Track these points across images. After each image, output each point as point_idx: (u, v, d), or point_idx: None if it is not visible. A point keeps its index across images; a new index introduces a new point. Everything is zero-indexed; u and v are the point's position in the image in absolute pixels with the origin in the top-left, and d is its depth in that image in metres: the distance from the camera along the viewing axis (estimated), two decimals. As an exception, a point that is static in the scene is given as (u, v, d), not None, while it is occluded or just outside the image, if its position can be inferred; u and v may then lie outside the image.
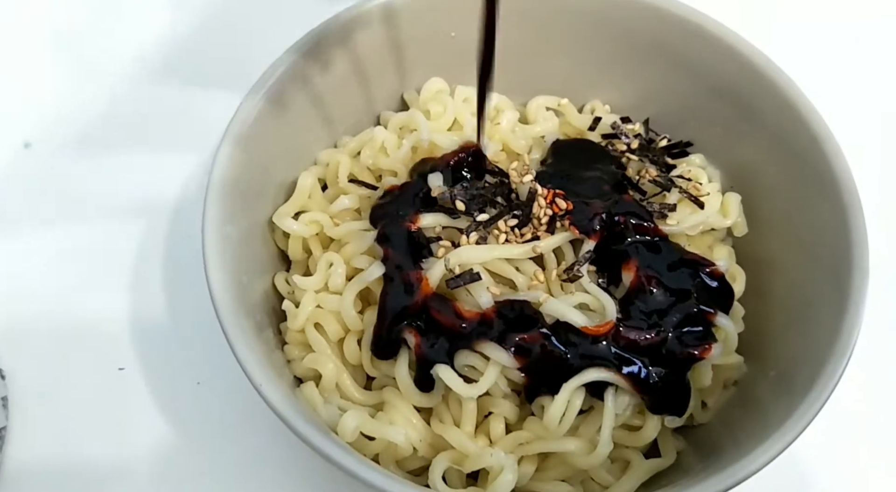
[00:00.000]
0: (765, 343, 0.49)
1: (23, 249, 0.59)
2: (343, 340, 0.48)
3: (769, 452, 0.40)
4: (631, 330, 0.44)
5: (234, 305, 0.44)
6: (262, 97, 0.48)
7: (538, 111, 0.57)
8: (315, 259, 0.51)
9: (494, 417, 0.46)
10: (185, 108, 0.64)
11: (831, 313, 0.44)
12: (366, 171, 0.53)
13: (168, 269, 0.59)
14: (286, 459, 0.52)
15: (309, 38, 0.50)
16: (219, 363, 0.52)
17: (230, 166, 0.47)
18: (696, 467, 0.46)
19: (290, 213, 0.51)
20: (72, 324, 0.56)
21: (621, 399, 0.45)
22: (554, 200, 0.47)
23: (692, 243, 0.50)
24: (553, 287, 0.46)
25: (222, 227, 0.45)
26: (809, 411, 0.41)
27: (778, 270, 0.51)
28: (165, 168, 0.62)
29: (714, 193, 0.51)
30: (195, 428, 0.53)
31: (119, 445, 0.52)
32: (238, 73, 0.53)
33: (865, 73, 0.69)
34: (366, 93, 0.55)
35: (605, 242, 0.47)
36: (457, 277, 0.45)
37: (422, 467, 0.47)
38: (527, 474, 0.45)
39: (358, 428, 0.44)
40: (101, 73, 0.66)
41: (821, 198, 0.48)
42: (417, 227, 0.47)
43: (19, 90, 0.65)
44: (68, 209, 0.60)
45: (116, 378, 0.54)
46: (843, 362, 0.42)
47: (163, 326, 0.56)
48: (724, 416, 0.49)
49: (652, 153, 0.53)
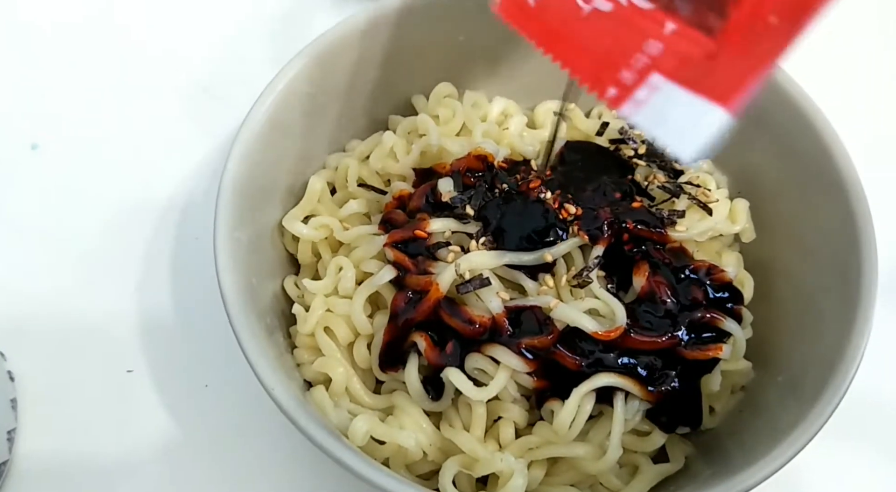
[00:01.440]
0: (773, 348, 0.49)
1: (31, 250, 0.59)
2: (353, 343, 0.48)
3: (779, 459, 0.40)
4: (641, 335, 0.45)
5: (245, 308, 0.44)
6: (271, 101, 0.48)
7: (546, 116, 0.57)
8: (324, 263, 0.51)
9: (504, 421, 0.46)
10: (192, 111, 0.65)
11: (840, 319, 0.44)
12: (374, 175, 0.53)
13: (176, 270, 0.59)
14: (294, 462, 0.52)
15: (318, 43, 0.50)
16: (227, 366, 0.53)
17: (241, 170, 0.47)
18: (704, 473, 0.46)
19: (299, 216, 0.51)
20: (80, 326, 0.56)
21: (631, 404, 0.45)
22: (562, 206, 0.47)
23: (700, 249, 0.51)
24: (563, 293, 0.46)
25: (233, 231, 0.46)
26: (820, 417, 0.41)
27: (786, 276, 0.51)
28: (173, 169, 0.62)
29: (723, 200, 0.51)
30: (203, 430, 0.53)
31: (127, 447, 0.53)
32: (247, 78, 0.54)
33: (873, 77, 0.69)
34: (374, 97, 0.55)
35: (615, 248, 0.47)
36: (467, 283, 0.45)
37: (432, 471, 0.47)
38: (536, 478, 0.45)
39: (369, 432, 0.44)
40: (108, 74, 0.66)
41: (829, 203, 0.48)
42: (427, 231, 0.47)
43: (26, 92, 0.65)
44: (76, 211, 0.60)
45: (125, 380, 0.55)
46: (853, 368, 0.42)
47: (171, 329, 0.57)
48: (732, 421, 0.49)
49: (659, 158, 0.54)
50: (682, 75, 0.34)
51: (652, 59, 0.35)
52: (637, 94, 0.35)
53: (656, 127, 0.34)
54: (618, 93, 0.35)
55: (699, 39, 0.35)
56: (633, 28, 0.36)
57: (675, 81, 0.34)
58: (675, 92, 0.34)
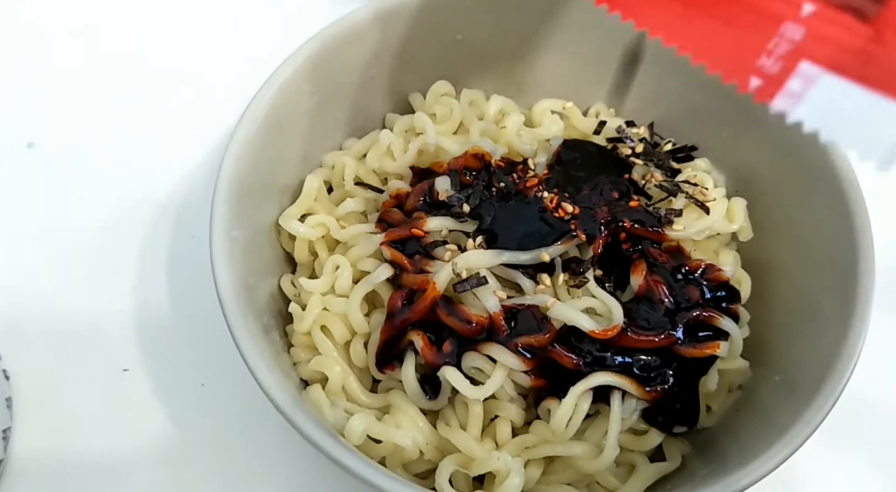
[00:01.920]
0: (770, 347, 0.49)
1: (27, 249, 0.59)
2: (349, 342, 0.48)
3: (776, 458, 0.40)
4: (638, 334, 0.44)
5: (241, 307, 0.44)
6: (268, 100, 0.48)
7: (543, 114, 0.57)
8: (321, 262, 0.51)
9: (501, 420, 0.46)
10: (189, 109, 0.64)
11: (837, 317, 0.44)
12: (371, 173, 0.53)
13: (172, 269, 0.59)
14: (290, 461, 0.52)
15: (315, 41, 0.50)
16: (223, 365, 0.52)
17: (237, 168, 0.47)
18: (700, 472, 0.46)
19: (296, 215, 0.51)
20: (76, 325, 0.56)
21: (628, 403, 0.45)
22: (560, 205, 0.47)
23: (698, 248, 0.50)
24: (560, 292, 0.46)
25: (229, 229, 0.45)
26: (816, 416, 0.41)
27: (783, 275, 0.51)
28: (169, 168, 0.62)
29: (720, 198, 0.51)
30: (199, 429, 0.53)
31: (123, 446, 0.52)
32: (244, 75, 0.53)
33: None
34: (371, 95, 0.55)
35: (612, 247, 0.47)
36: (464, 282, 0.45)
37: (428, 471, 0.47)
38: (533, 477, 0.45)
39: (365, 431, 0.44)
40: (104, 73, 0.66)
41: (826, 201, 0.48)
42: (424, 230, 0.47)
43: (22, 90, 0.65)
44: (72, 210, 0.60)
45: (120, 379, 0.54)
46: (849, 367, 0.42)
47: (167, 328, 0.56)
48: (729, 420, 0.49)
49: (657, 157, 0.54)
50: (841, 65, 0.30)
51: (795, 45, 0.31)
52: (789, 85, 0.31)
53: (828, 127, 0.30)
54: (763, 83, 0.32)
55: (850, 24, 0.31)
56: (767, 9, 0.32)
57: (834, 72, 0.30)
58: (840, 85, 0.30)
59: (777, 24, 0.32)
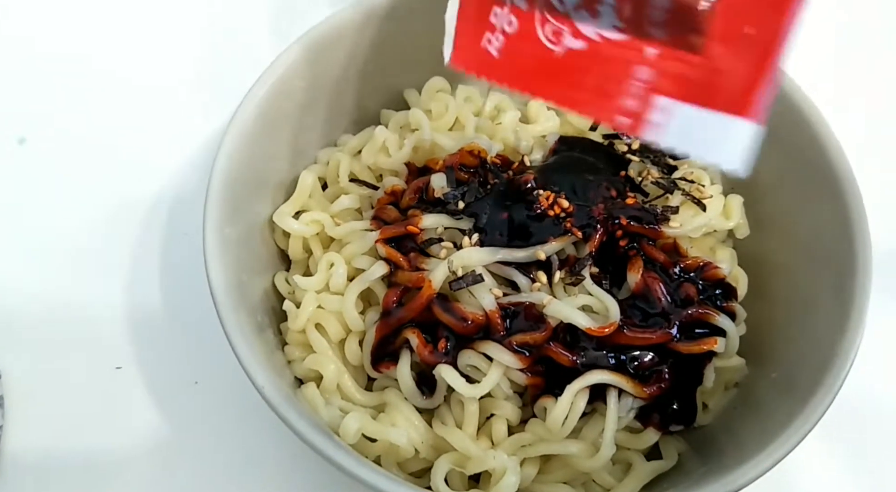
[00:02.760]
0: (767, 345, 0.49)
1: (18, 246, 0.58)
2: (344, 340, 0.48)
3: (773, 456, 0.40)
4: (634, 331, 0.44)
5: (235, 305, 0.43)
6: (262, 96, 0.48)
7: (539, 111, 0.57)
8: (315, 259, 0.50)
9: (496, 418, 0.46)
10: (182, 105, 0.64)
11: (834, 315, 0.44)
12: (366, 170, 0.53)
13: (165, 267, 0.58)
14: (284, 459, 0.52)
15: (309, 37, 0.50)
16: (216, 362, 0.52)
17: (231, 165, 0.46)
18: (697, 470, 0.46)
19: (290, 212, 0.50)
20: (68, 322, 0.55)
21: (624, 401, 0.44)
22: (555, 202, 0.47)
23: (694, 245, 0.50)
24: (556, 289, 0.46)
25: (223, 226, 0.45)
26: (813, 414, 0.41)
27: (780, 272, 0.51)
28: (161, 165, 0.61)
29: (716, 196, 0.51)
30: (192, 428, 0.53)
31: (115, 444, 0.52)
32: (238, 71, 0.53)
33: (868, 73, 0.69)
34: (366, 91, 0.55)
35: (608, 244, 0.47)
36: (459, 279, 0.44)
37: (423, 469, 0.47)
38: (529, 476, 0.45)
39: (360, 430, 0.44)
40: (96, 70, 0.65)
41: (823, 198, 0.48)
42: (420, 227, 0.47)
43: (13, 85, 0.65)
44: (64, 206, 0.60)
45: (113, 377, 0.54)
46: (846, 365, 0.42)
47: (160, 325, 0.56)
48: (726, 418, 0.49)
49: (653, 154, 0.53)
50: (687, 94, 0.35)
51: (646, 84, 0.36)
52: (650, 118, 0.35)
53: (690, 148, 0.34)
54: (630, 121, 0.36)
55: (686, 57, 0.35)
56: (615, 59, 0.37)
57: (682, 101, 0.35)
58: (690, 111, 0.35)
59: (629, 67, 0.36)
